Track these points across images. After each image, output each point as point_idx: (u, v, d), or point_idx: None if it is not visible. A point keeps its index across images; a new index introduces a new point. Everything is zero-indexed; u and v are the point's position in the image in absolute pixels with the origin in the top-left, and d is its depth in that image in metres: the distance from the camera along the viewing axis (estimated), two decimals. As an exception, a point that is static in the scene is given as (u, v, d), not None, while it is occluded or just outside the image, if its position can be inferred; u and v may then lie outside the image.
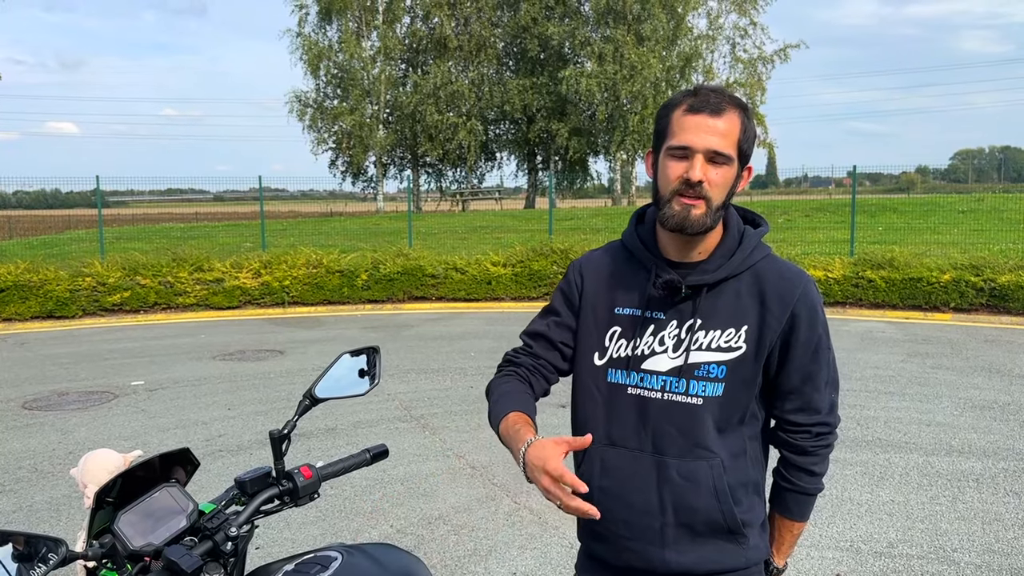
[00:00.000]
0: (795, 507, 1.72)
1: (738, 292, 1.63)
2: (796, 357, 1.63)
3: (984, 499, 4.65)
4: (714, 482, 1.61)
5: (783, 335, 1.61)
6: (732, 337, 1.61)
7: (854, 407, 6.58)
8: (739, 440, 1.65)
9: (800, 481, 1.69)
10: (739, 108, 1.59)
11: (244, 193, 24.72)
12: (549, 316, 1.79)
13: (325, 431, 6.06)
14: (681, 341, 1.62)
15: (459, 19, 37.42)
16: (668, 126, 1.59)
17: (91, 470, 1.79)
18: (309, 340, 10.10)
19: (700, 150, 1.54)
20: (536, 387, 1.77)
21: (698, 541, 1.63)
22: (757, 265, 1.64)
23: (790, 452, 1.69)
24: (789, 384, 1.65)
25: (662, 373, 1.63)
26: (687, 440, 1.61)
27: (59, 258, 15.76)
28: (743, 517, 1.64)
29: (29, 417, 6.65)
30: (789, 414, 1.67)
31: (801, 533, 1.77)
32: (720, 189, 1.57)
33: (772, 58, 39.32)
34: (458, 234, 22.17)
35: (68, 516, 4.55)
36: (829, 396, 1.68)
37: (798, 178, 39.02)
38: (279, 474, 1.63)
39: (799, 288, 1.62)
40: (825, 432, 1.68)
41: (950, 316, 11.23)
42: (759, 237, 1.68)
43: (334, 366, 1.78)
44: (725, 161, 1.56)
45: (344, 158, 38.65)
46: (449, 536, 4.26)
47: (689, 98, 1.58)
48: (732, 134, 1.56)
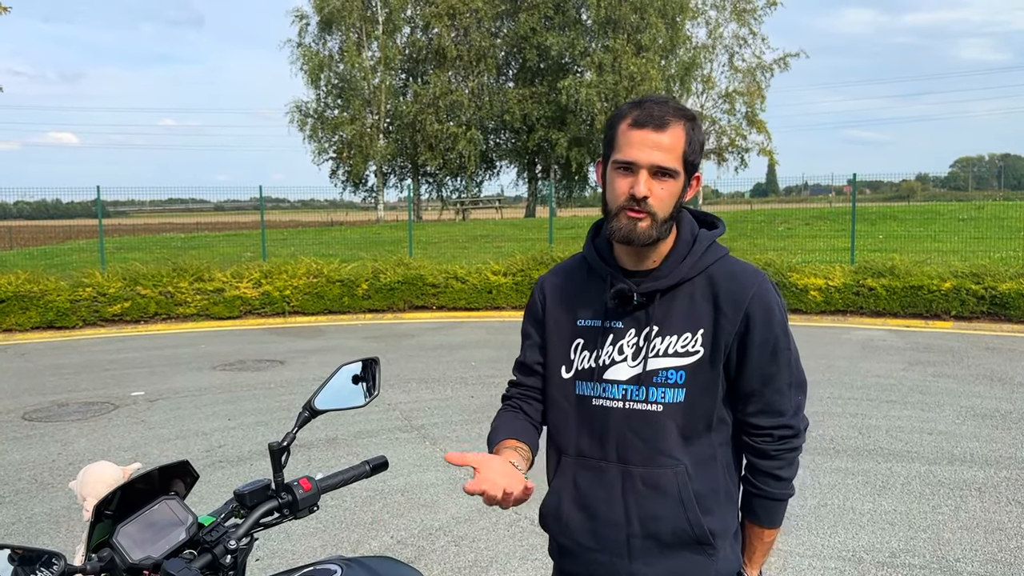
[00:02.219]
0: (763, 513, 1.69)
1: (692, 296, 1.63)
2: (753, 358, 1.61)
3: (987, 508, 4.64)
4: (679, 490, 1.60)
5: (738, 336, 1.60)
6: (688, 341, 1.61)
7: (855, 416, 6.56)
8: (707, 447, 1.63)
9: (766, 486, 1.66)
10: (684, 119, 1.58)
11: (245, 203, 24.74)
12: (525, 341, 1.83)
13: (325, 441, 6.05)
14: (640, 349, 1.63)
15: (459, 29, 37.52)
16: (614, 139, 1.60)
17: (90, 483, 1.78)
18: (310, 350, 10.10)
19: (644, 165, 1.55)
20: (531, 412, 1.80)
21: (665, 553, 1.62)
22: (711, 268, 1.64)
23: (754, 456, 1.67)
24: (749, 386, 1.63)
25: (623, 382, 1.64)
26: (650, 448, 1.61)
27: (59, 268, 15.77)
28: (711, 527, 1.61)
29: (29, 428, 6.64)
30: (751, 417, 1.64)
31: (773, 541, 1.73)
32: (666, 203, 1.58)
33: (771, 67, 39.48)
34: (458, 243, 22.19)
35: (68, 528, 4.54)
36: (794, 398, 1.65)
37: (798, 186, 38.98)
38: (278, 486, 1.63)
39: (752, 288, 1.61)
40: (789, 435, 1.65)
41: (951, 324, 11.22)
42: (712, 239, 1.67)
43: (333, 377, 1.77)
44: (670, 175, 1.57)
45: (345, 167, 38.71)
46: (449, 547, 4.24)
47: (634, 111, 1.59)
48: (677, 148, 1.57)
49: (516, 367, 1.85)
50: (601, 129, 35.85)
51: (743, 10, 38.65)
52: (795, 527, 4.39)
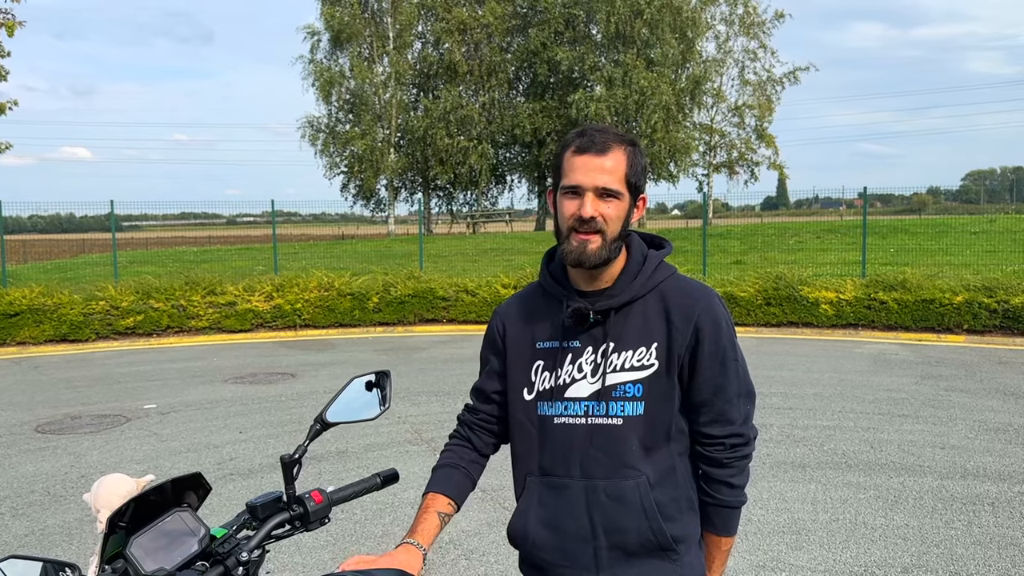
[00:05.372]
0: (719, 521, 1.74)
1: (645, 313, 1.70)
2: (704, 369, 1.67)
3: (1000, 523, 4.60)
4: (641, 500, 1.65)
5: (690, 349, 1.67)
6: (644, 355, 1.68)
7: (867, 430, 6.53)
8: (667, 457, 1.69)
9: (720, 494, 1.72)
10: (625, 144, 1.67)
11: (257, 217, 24.88)
12: (483, 368, 1.91)
13: (336, 454, 6.06)
14: (598, 366, 1.69)
15: (469, 45, 37.74)
16: (561, 166, 1.69)
17: (104, 495, 1.80)
18: (321, 363, 10.13)
19: (589, 188, 1.63)
20: (477, 443, 1.88)
21: (632, 562, 1.67)
22: (661, 285, 1.72)
23: (707, 465, 1.72)
24: (700, 396, 1.69)
25: (584, 399, 1.70)
26: (612, 461, 1.67)
27: (73, 282, 15.88)
28: (675, 533, 1.67)
29: (42, 440, 6.68)
30: (703, 427, 1.70)
31: (731, 549, 1.79)
32: (614, 222, 1.65)
33: (782, 80, 39.50)
34: (469, 257, 22.23)
35: (80, 540, 4.56)
36: (743, 408, 1.72)
37: (809, 199, 38.87)
38: (290, 499, 1.64)
39: (701, 303, 1.69)
40: (739, 444, 1.71)
41: (963, 338, 11.16)
42: (661, 258, 1.76)
43: (345, 390, 1.79)
44: (615, 196, 1.64)
45: (356, 182, 38.89)
46: (460, 560, 4.24)
47: (577, 139, 1.67)
48: (618, 170, 1.65)
49: (473, 392, 1.93)
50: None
51: (752, 23, 38.73)
52: (806, 542, 4.37)
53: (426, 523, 1.73)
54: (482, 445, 1.88)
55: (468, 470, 1.84)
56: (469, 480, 1.84)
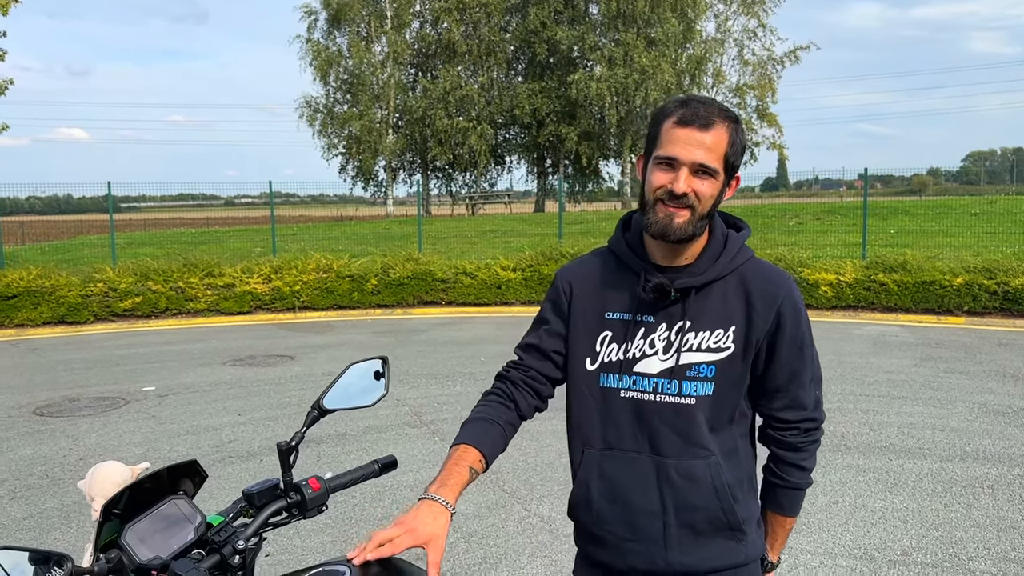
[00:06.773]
0: (787, 503, 1.76)
1: (725, 294, 1.66)
2: (782, 355, 1.66)
3: (1000, 506, 4.60)
4: (713, 480, 1.65)
5: (769, 334, 1.65)
6: (721, 337, 1.65)
7: (867, 412, 6.53)
8: (730, 438, 1.69)
9: (791, 477, 1.73)
10: (728, 121, 1.61)
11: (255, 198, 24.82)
12: (540, 327, 1.81)
13: (335, 437, 6.06)
14: (671, 343, 1.66)
15: (468, 24, 37.48)
16: (658, 135, 1.62)
17: (98, 482, 1.78)
18: (319, 345, 10.12)
19: (686, 163, 1.57)
20: (521, 403, 1.78)
21: (700, 540, 1.66)
22: (742, 267, 1.68)
23: (780, 449, 1.73)
24: (776, 382, 1.68)
25: (653, 375, 1.66)
26: (683, 440, 1.65)
27: (71, 264, 15.84)
28: (742, 514, 1.67)
29: (40, 423, 6.67)
30: (777, 411, 1.70)
31: (792, 527, 1.82)
32: (706, 200, 1.60)
33: (782, 59, 39.26)
34: (468, 238, 22.19)
35: (78, 523, 4.56)
36: (814, 392, 1.72)
37: (809, 181, 38.78)
38: (287, 486, 1.62)
39: (783, 289, 1.67)
40: (812, 428, 1.72)
41: (963, 320, 11.15)
42: (742, 240, 1.72)
43: (342, 376, 1.77)
44: (711, 173, 1.59)
45: (354, 163, 38.75)
46: (459, 544, 4.24)
47: (680, 109, 1.60)
48: (719, 147, 1.59)
49: (524, 348, 1.82)
50: (611, 123, 35.85)
51: (752, 2, 38.44)
52: (806, 525, 4.37)
53: (457, 476, 1.60)
54: (526, 407, 1.78)
55: (505, 430, 1.73)
56: (503, 441, 1.72)
